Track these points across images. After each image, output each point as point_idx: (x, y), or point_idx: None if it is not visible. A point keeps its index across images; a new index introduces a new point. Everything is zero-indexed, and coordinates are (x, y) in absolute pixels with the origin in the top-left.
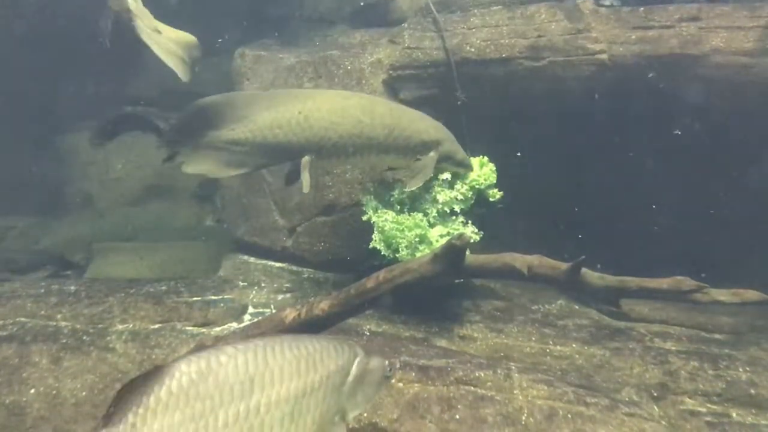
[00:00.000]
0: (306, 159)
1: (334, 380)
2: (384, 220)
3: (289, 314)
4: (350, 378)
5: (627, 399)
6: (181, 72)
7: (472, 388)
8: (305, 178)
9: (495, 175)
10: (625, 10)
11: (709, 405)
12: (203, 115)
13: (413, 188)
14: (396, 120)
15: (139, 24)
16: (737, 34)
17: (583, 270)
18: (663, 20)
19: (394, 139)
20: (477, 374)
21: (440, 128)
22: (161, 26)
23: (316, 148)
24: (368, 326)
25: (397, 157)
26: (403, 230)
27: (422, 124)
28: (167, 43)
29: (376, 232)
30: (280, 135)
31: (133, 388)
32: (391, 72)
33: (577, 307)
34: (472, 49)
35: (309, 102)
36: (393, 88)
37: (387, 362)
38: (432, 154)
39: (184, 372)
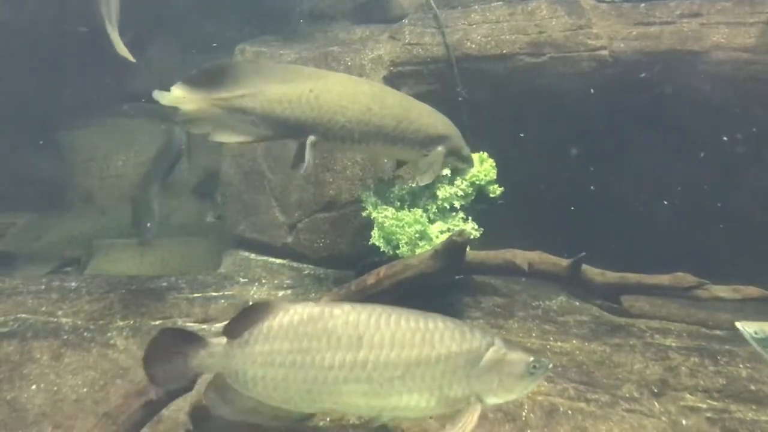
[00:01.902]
0: (311, 139)
1: (458, 361)
2: (384, 216)
3: None
4: (481, 363)
5: (627, 395)
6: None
7: None
8: (308, 158)
9: (495, 171)
10: (626, 5)
11: (709, 401)
12: (215, 77)
13: (423, 183)
14: (405, 111)
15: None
16: (738, 30)
17: (584, 266)
18: (664, 16)
19: (402, 130)
20: None
21: (448, 124)
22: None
23: (323, 130)
24: None
25: (404, 148)
26: (402, 226)
27: (431, 119)
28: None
29: (375, 228)
30: (288, 110)
31: (251, 314)
32: (391, 68)
33: (577, 303)
34: (473, 45)
35: (321, 82)
36: (394, 85)
37: (531, 359)
38: (440, 149)
39: (298, 312)
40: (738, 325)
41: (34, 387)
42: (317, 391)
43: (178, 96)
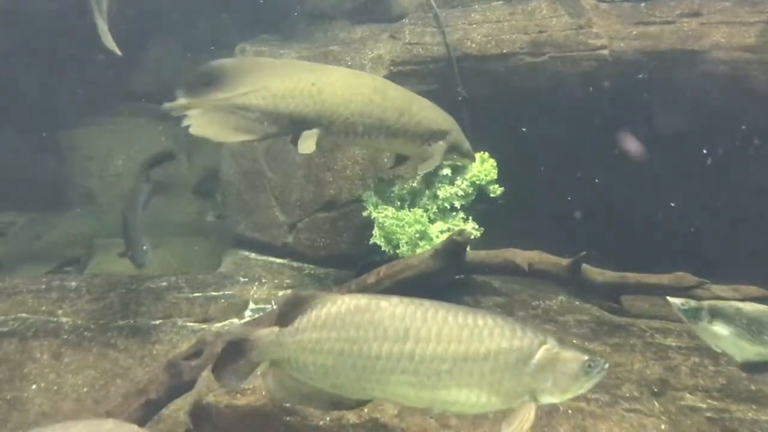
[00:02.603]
0: (314, 131)
1: (508, 358)
2: (384, 216)
3: None
4: (533, 362)
5: (627, 395)
6: (108, 42)
7: None
8: (309, 143)
9: (496, 171)
10: (626, 5)
11: (709, 401)
12: (216, 77)
13: (422, 173)
14: (407, 105)
15: None
16: (738, 30)
17: (584, 266)
18: (664, 16)
19: (403, 123)
20: None
21: (449, 119)
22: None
23: (327, 123)
24: None
25: (406, 142)
26: (403, 226)
27: (432, 113)
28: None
29: (376, 227)
30: (292, 105)
31: (299, 303)
32: (391, 68)
33: (577, 303)
34: (473, 45)
35: (323, 76)
36: None
37: (586, 358)
38: (441, 143)
39: (345, 302)
40: (668, 298)
41: (34, 386)
42: (366, 379)
43: (183, 104)
